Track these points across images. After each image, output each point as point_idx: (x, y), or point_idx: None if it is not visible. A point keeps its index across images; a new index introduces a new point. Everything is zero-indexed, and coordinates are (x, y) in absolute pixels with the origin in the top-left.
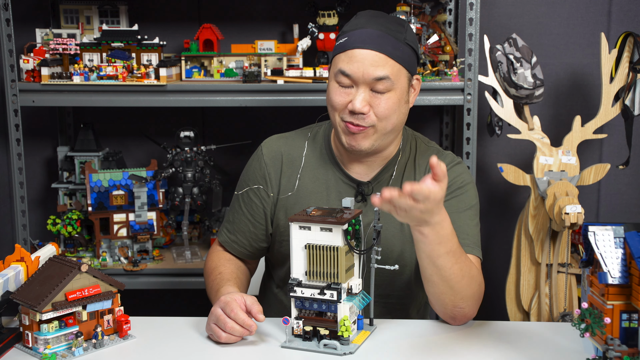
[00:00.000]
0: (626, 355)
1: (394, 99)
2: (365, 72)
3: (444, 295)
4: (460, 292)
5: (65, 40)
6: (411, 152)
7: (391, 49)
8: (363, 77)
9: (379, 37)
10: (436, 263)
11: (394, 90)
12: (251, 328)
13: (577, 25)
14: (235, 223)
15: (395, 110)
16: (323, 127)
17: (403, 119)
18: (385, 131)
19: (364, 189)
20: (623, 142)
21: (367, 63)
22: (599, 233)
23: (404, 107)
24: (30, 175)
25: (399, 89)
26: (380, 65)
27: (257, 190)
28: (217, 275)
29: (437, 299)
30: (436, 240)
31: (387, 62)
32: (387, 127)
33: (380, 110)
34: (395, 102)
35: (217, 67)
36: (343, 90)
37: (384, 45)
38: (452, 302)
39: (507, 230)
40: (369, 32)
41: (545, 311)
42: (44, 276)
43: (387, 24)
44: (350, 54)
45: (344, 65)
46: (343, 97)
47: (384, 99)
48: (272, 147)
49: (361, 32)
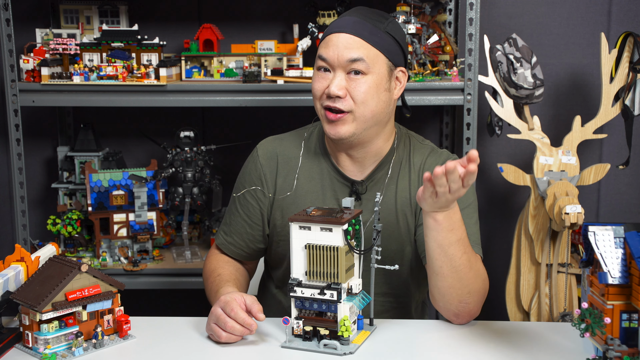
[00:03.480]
0: (626, 355)
1: (370, 83)
2: (340, 54)
3: (451, 289)
4: (467, 286)
5: (65, 40)
6: (405, 150)
7: (367, 33)
8: (338, 59)
9: (356, 23)
10: (447, 252)
11: (370, 75)
12: (251, 327)
13: (577, 25)
14: (231, 225)
15: (373, 95)
16: (318, 127)
17: (384, 107)
18: (365, 118)
19: (358, 188)
20: (623, 142)
21: (341, 46)
22: (599, 233)
23: (383, 94)
24: (30, 175)
25: (377, 74)
26: (355, 48)
27: (253, 191)
28: (216, 277)
29: (443, 294)
30: (449, 227)
31: (362, 45)
32: (366, 113)
33: (356, 93)
34: (372, 87)
35: (217, 67)
36: (321, 75)
37: (360, 29)
38: (459, 296)
39: (507, 230)
40: (347, 18)
41: (545, 311)
42: (44, 276)
43: (369, 13)
44: (327, 39)
45: (321, 51)
46: (321, 82)
47: (360, 82)
48: (268, 148)
49: (340, 20)
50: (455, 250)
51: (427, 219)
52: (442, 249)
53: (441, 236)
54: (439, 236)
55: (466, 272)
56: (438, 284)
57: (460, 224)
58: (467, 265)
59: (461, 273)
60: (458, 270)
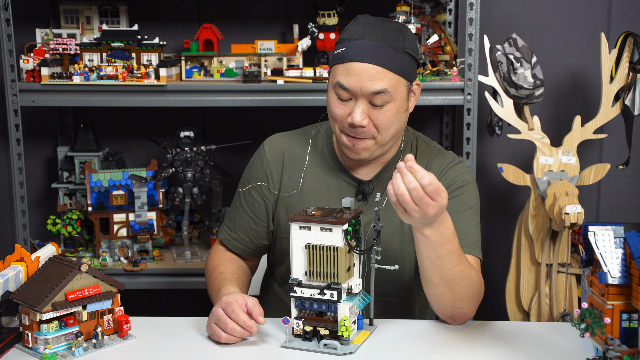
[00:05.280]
0: (626, 355)
1: (392, 111)
2: (363, 86)
3: (443, 297)
4: (459, 294)
5: (65, 40)
6: (412, 151)
7: (389, 60)
8: (361, 90)
9: (377, 50)
10: (437, 264)
11: (392, 102)
12: (251, 329)
13: (577, 25)
14: (236, 220)
15: (394, 120)
16: (325, 127)
17: (402, 126)
18: (385, 141)
19: (364, 188)
20: (623, 142)
21: (364, 77)
22: (599, 233)
23: (403, 115)
24: (30, 175)
25: (398, 100)
26: (379, 79)
27: (259, 187)
28: (219, 275)
29: (436, 300)
30: (438, 241)
31: (385, 75)
32: (387, 138)
33: (379, 122)
34: (394, 114)
35: (217, 67)
36: (342, 102)
37: (382, 57)
38: (452, 302)
39: (507, 230)
40: (367, 44)
41: (545, 311)
42: (44, 276)
43: (386, 33)
44: (348, 66)
45: (342, 79)
46: (342, 109)
47: (382, 112)
48: (274, 145)
49: (359, 44)
50: (445, 262)
51: (415, 233)
52: (431, 260)
53: (430, 249)
54: (428, 250)
55: (458, 282)
56: (429, 291)
57: (452, 237)
58: (460, 275)
59: (452, 282)
60: (449, 280)
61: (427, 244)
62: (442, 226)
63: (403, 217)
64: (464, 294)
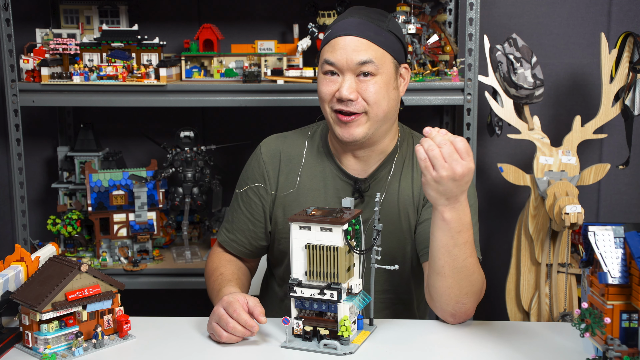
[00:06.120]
0: (626, 355)
1: (380, 84)
2: (349, 58)
3: (449, 290)
4: (466, 287)
5: (65, 40)
6: (408, 149)
7: (373, 34)
8: (347, 63)
9: (360, 24)
10: (452, 253)
11: (380, 75)
12: (253, 329)
13: (577, 25)
14: (234, 222)
15: (384, 95)
16: (321, 126)
17: (394, 105)
18: (378, 118)
19: (360, 186)
20: (623, 142)
21: (349, 49)
22: (599, 233)
23: (393, 93)
24: (30, 175)
25: (385, 74)
26: (363, 50)
27: (256, 188)
28: (218, 276)
29: (441, 294)
30: (457, 228)
31: (369, 47)
32: (379, 114)
33: (368, 95)
34: (382, 87)
35: (217, 67)
36: (330, 79)
37: (366, 31)
38: (457, 297)
39: (507, 230)
40: (350, 20)
41: (545, 311)
42: (44, 276)
43: (369, 13)
44: (333, 42)
45: (328, 55)
46: (330, 86)
47: (371, 84)
48: (271, 146)
49: (343, 22)
50: (460, 252)
51: (436, 218)
52: (447, 249)
53: (447, 237)
54: (445, 237)
55: (468, 275)
56: (437, 284)
57: (469, 226)
58: (470, 268)
59: (462, 274)
60: (460, 272)
61: (445, 230)
62: (462, 212)
63: (431, 184)
64: (469, 289)
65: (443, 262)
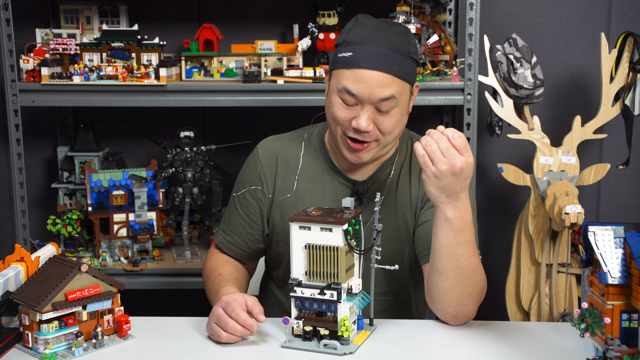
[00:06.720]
0: (626, 355)
1: (397, 115)
2: (372, 93)
3: (451, 291)
4: (468, 288)
5: (65, 40)
6: (407, 151)
7: (397, 67)
8: (369, 97)
9: (385, 57)
10: (455, 252)
11: (397, 107)
12: (252, 328)
13: (577, 25)
14: (231, 224)
15: (398, 124)
16: (318, 128)
17: (403, 128)
18: (387, 143)
19: (359, 188)
20: (623, 142)
21: (373, 84)
22: (599, 233)
23: (404, 118)
24: (30, 175)
25: (402, 104)
26: (387, 86)
27: (253, 191)
28: (217, 277)
29: (443, 295)
30: (460, 227)
31: (393, 82)
32: (389, 140)
33: (384, 127)
34: (398, 118)
35: (217, 67)
36: (347, 106)
37: (391, 65)
38: (459, 298)
39: (507, 230)
40: (375, 50)
41: (545, 311)
42: (44, 276)
43: (392, 37)
44: (357, 73)
45: (349, 85)
46: (347, 113)
47: (388, 117)
48: (268, 148)
49: (367, 50)
50: (462, 251)
51: (438, 217)
52: (450, 248)
53: (450, 236)
54: (448, 236)
55: (470, 275)
56: (439, 284)
57: (471, 225)
58: (473, 268)
59: (465, 274)
60: (463, 272)
61: (448, 230)
62: (464, 210)
63: (431, 180)
64: (471, 290)
65: (446, 262)
